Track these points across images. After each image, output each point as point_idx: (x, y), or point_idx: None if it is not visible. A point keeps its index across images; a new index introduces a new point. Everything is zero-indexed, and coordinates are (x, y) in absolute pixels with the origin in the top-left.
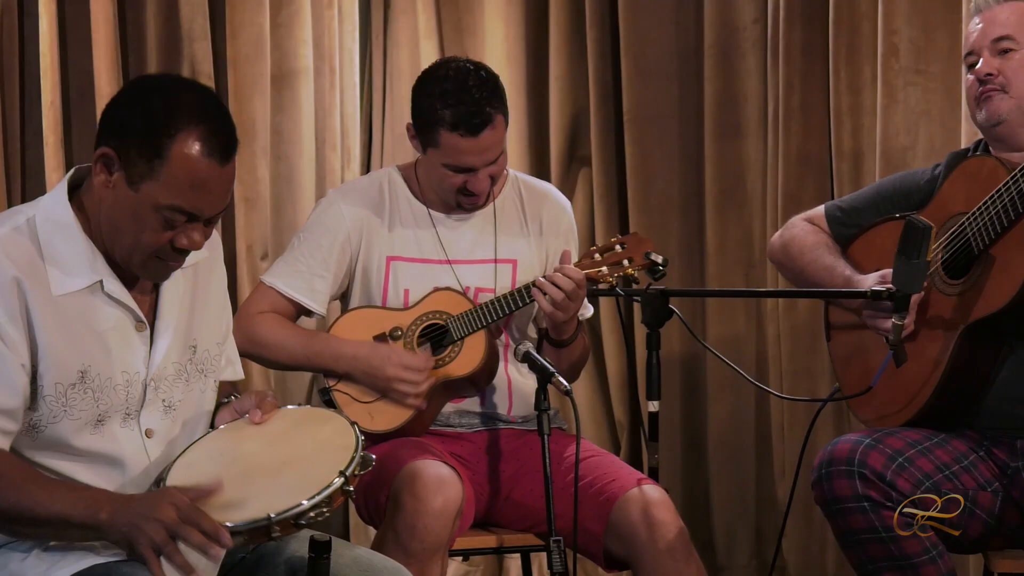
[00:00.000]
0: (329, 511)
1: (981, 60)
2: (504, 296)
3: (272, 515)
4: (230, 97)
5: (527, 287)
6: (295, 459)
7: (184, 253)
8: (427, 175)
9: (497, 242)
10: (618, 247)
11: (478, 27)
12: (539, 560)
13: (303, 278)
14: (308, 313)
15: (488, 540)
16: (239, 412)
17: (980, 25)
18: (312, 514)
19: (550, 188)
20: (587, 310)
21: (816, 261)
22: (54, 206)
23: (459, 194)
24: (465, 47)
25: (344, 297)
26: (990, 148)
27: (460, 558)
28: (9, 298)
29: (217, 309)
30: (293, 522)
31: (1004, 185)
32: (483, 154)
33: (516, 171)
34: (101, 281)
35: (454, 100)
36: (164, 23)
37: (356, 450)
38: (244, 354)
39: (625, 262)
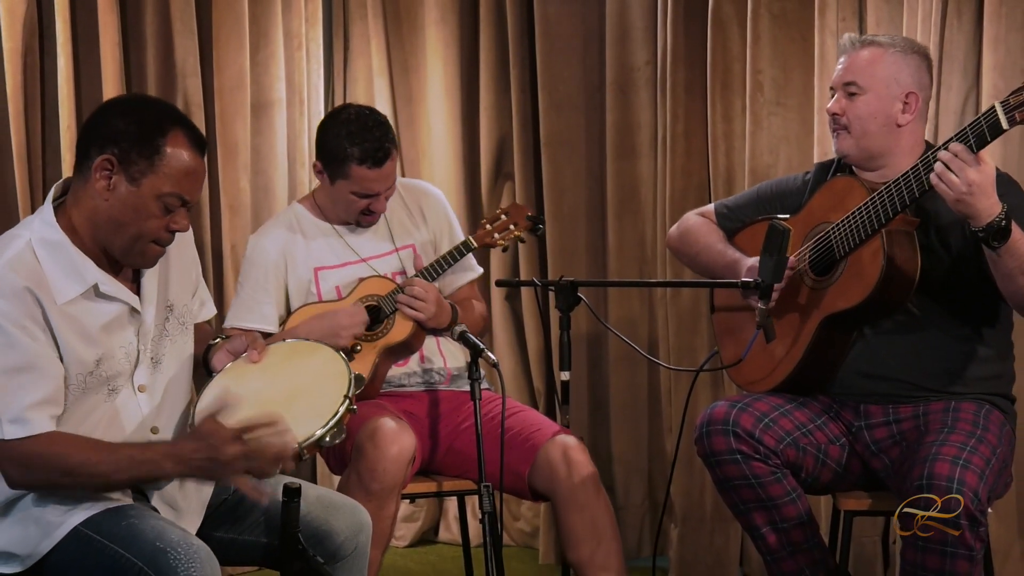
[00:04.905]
0: (341, 430)
1: (834, 99)
2: (415, 277)
3: (300, 443)
4: (217, 123)
5: (427, 268)
6: (300, 391)
7: (173, 236)
8: (332, 201)
9: (393, 235)
10: (503, 216)
11: (421, 66)
12: (472, 502)
13: (252, 310)
14: (267, 335)
15: (430, 486)
16: (233, 353)
17: (841, 67)
18: (330, 436)
19: (423, 183)
20: (477, 270)
21: (710, 247)
22: (44, 228)
23: (361, 214)
24: (410, 83)
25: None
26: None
27: (408, 500)
28: (28, 305)
29: (186, 267)
30: (317, 444)
31: (864, 205)
32: (385, 180)
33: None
34: (96, 285)
35: (359, 139)
36: (162, 62)
37: (349, 374)
38: None
39: (511, 227)
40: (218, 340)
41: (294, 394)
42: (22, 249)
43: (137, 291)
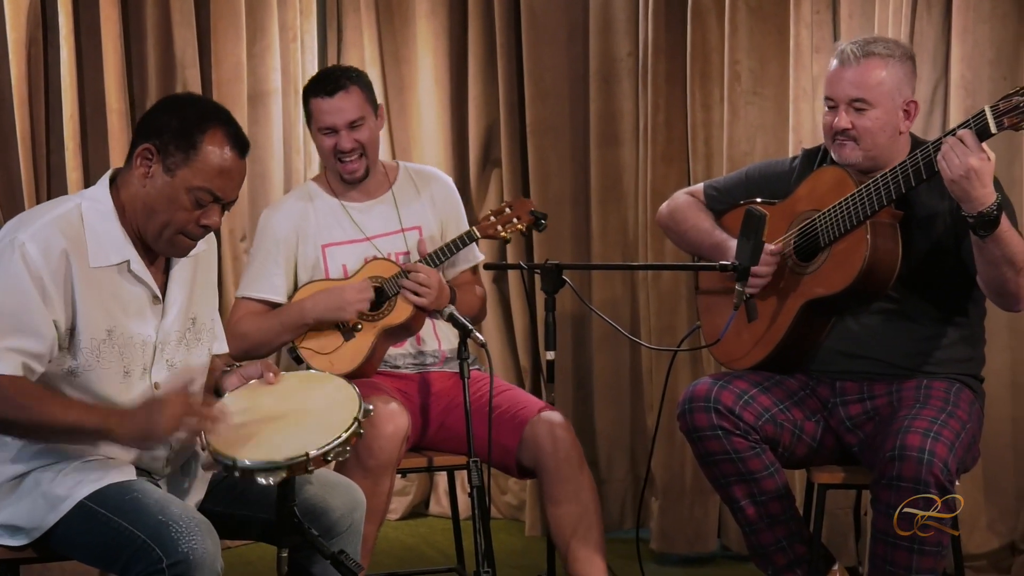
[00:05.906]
0: (348, 448)
1: (839, 115)
2: (420, 263)
3: (309, 453)
4: None
5: (432, 255)
6: (312, 410)
7: (205, 231)
8: (323, 163)
9: (401, 216)
10: (507, 209)
11: (412, 57)
12: (461, 476)
13: (263, 280)
14: (276, 306)
15: (421, 461)
16: (246, 377)
17: (838, 77)
18: (337, 451)
19: (435, 170)
20: (478, 257)
21: (698, 225)
22: (98, 196)
23: (337, 161)
24: (401, 73)
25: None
26: None
27: (400, 475)
28: (58, 266)
29: (211, 290)
30: (323, 458)
31: (851, 197)
32: (340, 113)
33: (405, 162)
34: (129, 261)
35: (318, 76)
36: (162, 53)
37: (359, 400)
38: (240, 355)
39: (515, 220)
40: (232, 368)
41: (305, 413)
42: (70, 209)
43: (164, 287)
